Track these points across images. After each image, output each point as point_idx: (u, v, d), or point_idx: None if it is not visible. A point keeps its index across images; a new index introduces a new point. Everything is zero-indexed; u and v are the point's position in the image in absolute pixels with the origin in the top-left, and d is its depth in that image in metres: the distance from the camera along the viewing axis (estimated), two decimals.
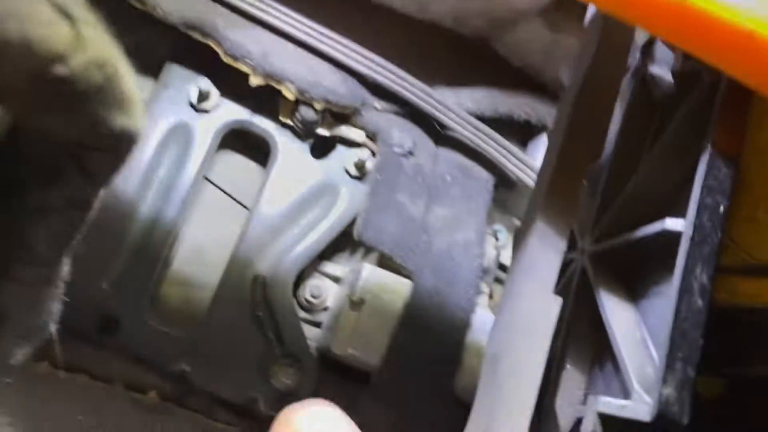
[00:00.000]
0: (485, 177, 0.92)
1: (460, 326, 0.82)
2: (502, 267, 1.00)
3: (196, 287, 0.87)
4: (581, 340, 0.47)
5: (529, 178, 0.89)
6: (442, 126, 0.88)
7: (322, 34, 0.85)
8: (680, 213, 0.42)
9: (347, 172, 0.88)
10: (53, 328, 0.46)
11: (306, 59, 0.83)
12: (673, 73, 0.45)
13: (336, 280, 0.91)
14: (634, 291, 0.45)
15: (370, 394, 0.80)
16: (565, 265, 0.47)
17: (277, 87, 0.82)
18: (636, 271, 0.45)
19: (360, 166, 0.88)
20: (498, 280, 1.02)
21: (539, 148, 0.93)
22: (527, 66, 0.89)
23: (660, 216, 0.45)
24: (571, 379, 0.46)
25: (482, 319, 0.84)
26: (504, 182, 0.93)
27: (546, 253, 0.42)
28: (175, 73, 0.85)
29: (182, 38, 0.82)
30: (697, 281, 0.38)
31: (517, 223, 1.05)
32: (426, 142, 0.90)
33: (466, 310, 0.83)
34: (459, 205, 0.89)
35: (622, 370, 0.40)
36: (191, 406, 0.80)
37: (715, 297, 0.38)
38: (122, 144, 0.39)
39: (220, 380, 0.80)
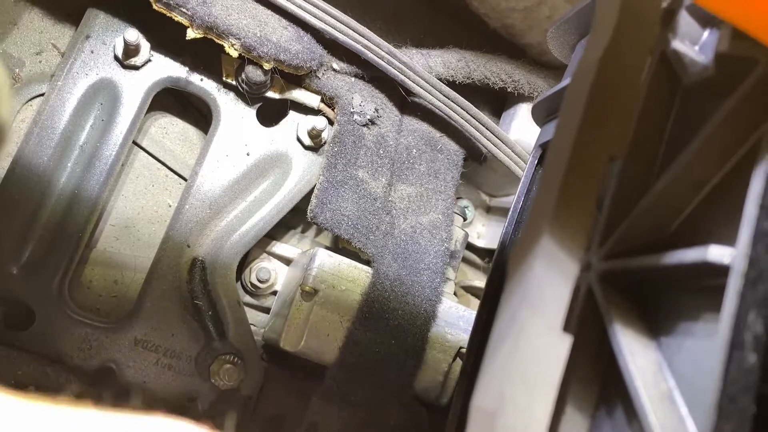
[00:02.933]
0: (454, 150, 0.83)
1: (425, 319, 0.74)
2: (469, 247, 0.92)
3: (124, 270, 0.76)
4: (584, 376, 0.39)
5: (502, 153, 0.80)
6: (408, 92, 0.78)
7: None
8: (725, 236, 0.33)
9: (300, 141, 0.78)
10: None
11: (254, 10, 0.71)
12: (717, 57, 0.36)
13: (286, 261, 0.82)
14: (654, 323, 0.37)
15: (322, 394, 0.71)
16: None
17: (219, 42, 0.70)
18: (659, 299, 0.37)
19: (315, 135, 0.77)
20: (466, 262, 0.95)
21: (514, 120, 0.84)
22: (506, 27, 0.79)
23: (694, 235, 0.36)
24: (572, 424, 0.38)
25: (448, 309, 0.76)
26: (474, 156, 0.84)
27: (553, 279, 0.34)
28: (98, 21, 0.72)
29: None
30: (750, 331, 0.30)
31: (485, 197, 0.97)
32: (390, 110, 0.80)
33: (431, 301, 0.74)
34: (425, 183, 0.79)
35: (645, 429, 0.33)
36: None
37: None
38: None
39: (151, 378, 0.71)
